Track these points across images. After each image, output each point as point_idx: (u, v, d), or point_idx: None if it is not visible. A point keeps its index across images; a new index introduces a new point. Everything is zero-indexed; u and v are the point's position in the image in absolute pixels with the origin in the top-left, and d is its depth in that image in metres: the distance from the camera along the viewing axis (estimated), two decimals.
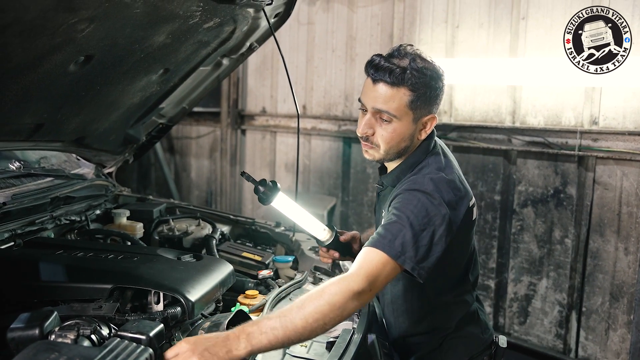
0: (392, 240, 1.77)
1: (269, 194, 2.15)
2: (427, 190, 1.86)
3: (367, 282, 1.70)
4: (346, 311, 1.68)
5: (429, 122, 1.99)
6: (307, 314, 1.61)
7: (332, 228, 2.34)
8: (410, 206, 1.84)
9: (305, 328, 1.60)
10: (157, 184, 7.30)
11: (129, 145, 3.26)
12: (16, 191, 2.52)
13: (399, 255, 1.76)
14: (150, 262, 2.14)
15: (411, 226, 1.79)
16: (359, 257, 1.78)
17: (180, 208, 3.27)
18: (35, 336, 1.61)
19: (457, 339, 2.13)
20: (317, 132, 5.64)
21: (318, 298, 1.64)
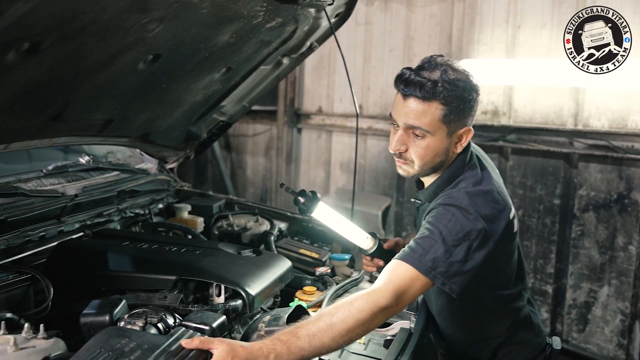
0: (422, 255, 1.74)
1: (309, 205, 2.15)
2: (462, 205, 1.82)
3: (395, 297, 1.69)
4: (371, 326, 1.68)
5: (465, 135, 1.92)
6: (335, 333, 1.61)
7: (375, 236, 2.33)
8: (444, 221, 1.80)
9: (332, 347, 1.62)
10: (213, 181, 7.44)
11: (190, 141, 3.34)
12: (86, 184, 2.63)
13: (430, 270, 1.73)
14: (212, 256, 2.20)
15: (444, 241, 1.76)
16: (387, 269, 1.77)
17: (239, 204, 3.34)
18: (105, 322, 1.69)
19: (511, 346, 2.09)
20: (373, 132, 5.63)
21: (346, 314, 1.63)
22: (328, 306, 1.72)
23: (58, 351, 1.53)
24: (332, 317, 1.62)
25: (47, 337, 1.58)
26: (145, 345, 1.48)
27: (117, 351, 1.44)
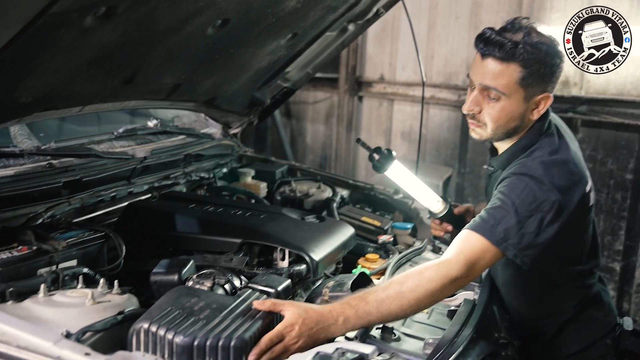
0: (494, 226, 1.71)
1: (384, 162, 2.14)
2: (536, 175, 1.76)
3: (466, 268, 1.67)
4: (440, 297, 1.68)
5: (543, 102, 1.86)
6: (404, 301, 1.61)
7: (446, 200, 2.30)
8: (516, 191, 1.76)
9: (399, 315, 1.63)
10: (273, 147, 7.50)
11: (254, 107, 3.36)
12: (154, 147, 2.70)
13: (501, 241, 1.70)
14: (276, 221, 2.23)
15: (516, 212, 1.72)
16: (458, 239, 1.74)
17: (301, 170, 3.35)
18: (174, 281, 1.74)
19: (578, 322, 2.04)
20: (435, 102, 5.53)
21: (416, 283, 1.63)
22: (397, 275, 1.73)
23: (131, 307, 1.59)
24: (401, 285, 1.62)
25: (121, 293, 1.64)
26: (214, 305, 1.52)
27: (187, 309, 1.48)
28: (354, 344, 1.46)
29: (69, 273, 1.69)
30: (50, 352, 1.25)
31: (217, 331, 1.40)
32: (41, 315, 1.48)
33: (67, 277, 1.68)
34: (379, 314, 1.59)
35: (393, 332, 1.68)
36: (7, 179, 2.01)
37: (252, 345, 1.42)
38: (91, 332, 1.42)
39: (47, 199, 2.11)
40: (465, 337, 1.72)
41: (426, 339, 1.69)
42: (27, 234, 1.78)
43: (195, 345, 1.37)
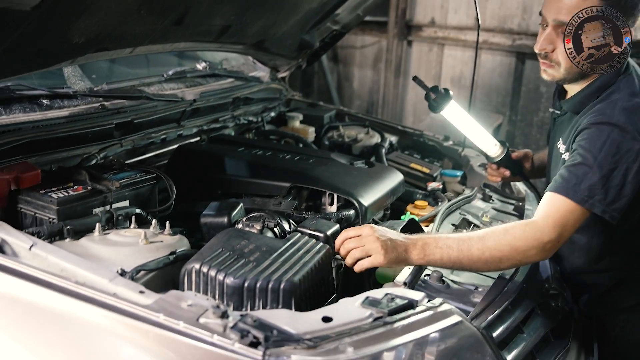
0: (577, 184, 1.64)
1: (440, 102, 2.09)
2: (618, 123, 1.67)
3: (556, 232, 1.61)
4: (527, 259, 1.63)
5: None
6: (485, 247, 1.58)
7: (504, 144, 2.23)
8: (598, 143, 1.67)
9: (480, 259, 1.58)
10: (319, 92, 7.43)
11: (303, 50, 3.31)
12: (203, 90, 2.69)
13: (586, 199, 1.63)
14: (324, 165, 2.21)
15: (600, 166, 1.64)
16: (543, 203, 1.68)
17: (349, 115, 3.31)
18: (224, 223, 1.76)
19: (634, 277, 1.98)
20: (488, 46, 5.35)
21: (501, 236, 1.60)
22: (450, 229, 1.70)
23: (183, 247, 1.62)
24: (485, 234, 1.61)
25: (172, 234, 1.67)
26: (264, 248, 1.52)
27: (237, 251, 1.49)
28: (403, 290, 1.45)
29: (122, 213, 1.72)
30: (106, 288, 1.28)
31: (266, 273, 1.41)
32: (97, 253, 1.53)
33: (120, 217, 1.71)
34: (460, 252, 1.57)
35: (442, 280, 1.66)
36: (61, 120, 2.05)
37: (302, 287, 1.43)
38: (144, 271, 1.45)
39: (100, 140, 2.14)
40: (515, 287, 1.70)
41: (476, 287, 1.67)
42: (82, 174, 1.82)
43: (246, 286, 1.39)
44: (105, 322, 1.25)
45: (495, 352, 1.41)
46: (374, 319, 1.28)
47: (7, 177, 1.68)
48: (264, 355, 1.13)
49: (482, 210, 2.28)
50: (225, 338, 1.15)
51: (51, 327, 1.31)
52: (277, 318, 1.22)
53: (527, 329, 1.69)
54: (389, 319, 1.29)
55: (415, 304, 1.36)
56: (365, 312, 1.30)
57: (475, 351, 1.38)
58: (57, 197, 1.67)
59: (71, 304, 1.26)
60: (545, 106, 4.95)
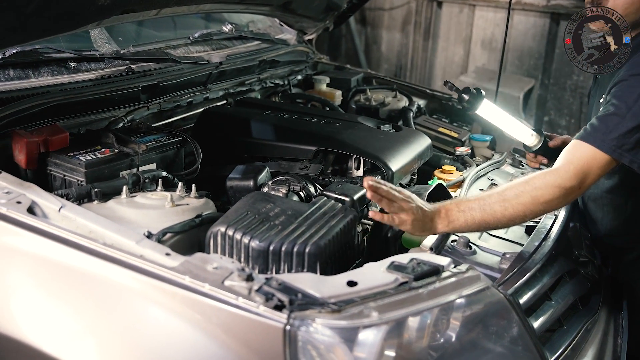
0: (606, 134, 1.61)
1: (474, 102, 2.12)
2: None
3: (577, 179, 1.59)
4: (549, 207, 1.60)
5: None
6: (507, 202, 1.56)
7: (541, 133, 2.22)
8: (633, 94, 1.63)
9: (504, 215, 1.56)
10: (346, 56, 7.34)
11: (330, 12, 3.25)
12: (229, 52, 2.67)
13: (615, 149, 1.60)
14: (351, 129, 2.19)
15: (633, 116, 1.60)
16: (567, 151, 1.65)
17: (377, 79, 3.26)
18: (250, 187, 1.76)
19: None
20: (521, 7, 5.19)
21: (521, 189, 1.57)
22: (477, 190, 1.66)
23: (208, 210, 1.62)
24: (505, 190, 1.59)
25: (198, 197, 1.67)
26: (289, 212, 1.52)
27: (263, 215, 1.49)
28: (429, 255, 1.44)
29: (149, 176, 1.73)
30: (133, 250, 1.29)
31: (292, 237, 1.41)
32: (124, 215, 1.54)
33: (147, 180, 1.72)
34: (482, 211, 1.55)
35: (469, 245, 1.64)
36: (89, 83, 2.05)
37: (327, 251, 1.43)
38: (171, 234, 1.46)
39: (127, 104, 2.15)
40: (544, 253, 1.67)
41: (503, 253, 1.65)
42: (109, 137, 1.83)
43: (271, 250, 1.39)
44: (132, 284, 1.26)
45: (522, 319, 1.40)
46: (399, 284, 1.27)
47: (36, 139, 1.70)
48: (289, 319, 1.13)
49: (511, 175, 2.25)
50: (250, 301, 1.15)
51: (80, 287, 1.33)
52: (301, 281, 1.22)
53: (555, 296, 1.67)
54: (414, 284, 1.28)
55: (441, 269, 1.34)
56: (391, 277, 1.29)
57: (502, 317, 1.37)
58: (85, 159, 1.69)
59: (99, 265, 1.28)
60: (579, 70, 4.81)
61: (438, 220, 1.56)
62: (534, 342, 1.41)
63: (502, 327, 1.38)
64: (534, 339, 1.42)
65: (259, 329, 1.15)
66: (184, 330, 1.21)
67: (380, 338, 1.17)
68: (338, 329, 1.14)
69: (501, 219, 1.58)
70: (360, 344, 1.15)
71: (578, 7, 4.47)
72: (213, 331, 1.19)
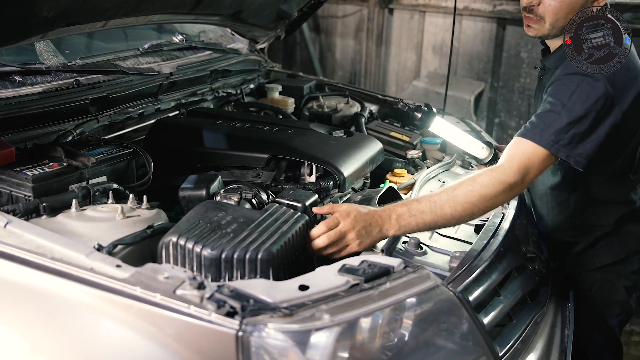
0: (544, 130, 1.68)
1: (426, 119, 2.21)
2: (587, 72, 1.71)
3: (520, 174, 1.65)
4: (496, 203, 1.66)
5: None
6: (456, 202, 1.61)
7: (490, 145, 2.30)
8: (567, 91, 1.71)
9: (454, 216, 1.62)
10: (301, 63, 7.38)
11: (281, 20, 3.27)
12: (180, 63, 2.66)
13: (552, 144, 1.67)
14: (303, 136, 2.21)
15: (568, 112, 1.68)
16: (509, 148, 1.72)
17: (329, 85, 3.30)
18: (202, 196, 1.76)
19: (613, 236, 2.03)
20: (469, 12, 5.32)
21: (469, 188, 1.63)
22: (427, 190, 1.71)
23: (160, 221, 1.62)
24: (454, 190, 1.63)
25: (150, 208, 1.67)
26: (241, 219, 1.53)
27: (215, 223, 1.50)
28: (380, 257, 1.47)
29: (99, 189, 1.71)
30: (83, 263, 1.28)
31: (244, 244, 1.42)
32: (74, 229, 1.52)
33: (97, 193, 1.70)
34: (432, 212, 1.59)
35: (420, 246, 1.68)
36: (35, 96, 2.02)
37: (280, 257, 1.44)
38: (122, 246, 1.45)
39: (76, 116, 2.12)
40: (492, 250, 1.72)
41: (452, 252, 1.69)
42: (57, 151, 1.80)
43: (223, 258, 1.39)
44: (83, 297, 1.25)
45: (472, 315, 1.43)
46: (350, 286, 1.29)
47: None
48: (241, 325, 1.14)
49: (461, 176, 2.29)
50: (202, 309, 1.16)
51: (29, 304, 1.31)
52: (253, 287, 1.23)
53: (504, 291, 1.72)
54: (365, 285, 1.30)
55: (392, 270, 1.37)
56: (342, 280, 1.31)
57: (452, 314, 1.41)
58: (32, 174, 1.66)
59: (48, 280, 1.27)
60: (526, 72, 4.96)
61: (389, 226, 1.59)
62: (484, 337, 1.45)
63: (453, 324, 1.41)
64: (484, 334, 1.46)
65: (211, 336, 1.16)
66: (137, 342, 1.21)
67: (333, 340, 1.18)
68: (290, 333, 1.16)
69: (451, 220, 1.63)
70: (313, 347, 1.17)
71: None
72: (166, 341, 1.19)
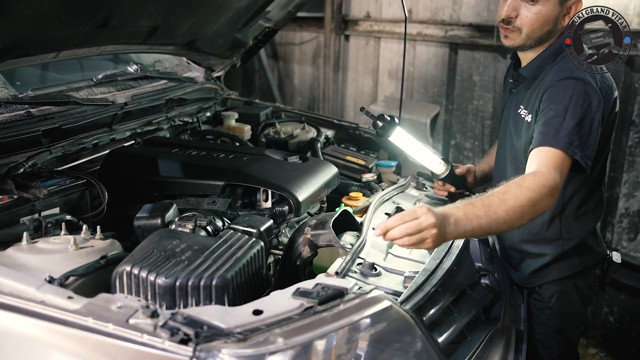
0: (556, 134, 1.77)
1: (387, 128, 2.20)
2: (580, 76, 1.82)
3: (558, 176, 1.72)
4: (541, 207, 1.71)
5: (574, 7, 1.91)
6: (509, 207, 1.64)
7: (448, 161, 2.34)
8: (566, 95, 1.81)
9: (506, 220, 1.65)
10: (261, 90, 7.43)
11: (236, 49, 3.31)
12: (135, 92, 2.66)
13: (568, 146, 1.75)
14: (259, 162, 2.23)
15: (572, 115, 1.78)
16: (534, 158, 1.78)
17: (286, 112, 3.34)
18: (157, 225, 1.76)
19: (574, 249, 2.08)
20: (422, 38, 5.45)
21: (518, 192, 1.67)
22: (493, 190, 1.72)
23: (114, 251, 1.61)
24: (504, 194, 1.67)
25: (103, 238, 1.66)
26: (196, 246, 1.54)
27: (169, 251, 1.50)
28: (334, 279, 1.49)
29: (51, 220, 1.70)
30: (33, 296, 1.27)
31: (198, 271, 1.43)
32: (25, 262, 1.50)
33: (50, 225, 1.69)
34: (487, 216, 1.62)
35: (374, 267, 1.71)
36: None
37: (235, 283, 1.45)
38: (74, 277, 1.44)
39: (28, 148, 2.09)
40: (445, 269, 1.75)
41: (406, 272, 1.72)
42: (8, 184, 1.79)
43: (178, 285, 1.40)
44: (34, 331, 1.24)
45: (425, 334, 1.46)
46: (304, 309, 1.31)
47: None
48: (195, 352, 1.14)
49: (415, 198, 2.34)
50: (155, 337, 1.16)
51: None
52: (207, 314, 1.24)
53: (458, 309, 1.75)
54: (319, 308, 1.32)
55: (346, 292, 1.40)
56: (296, 303, 1.33)
57: (406, 334, 1.43)
58: None
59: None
60: (478, 94, 5.08)
61: (448, 229, 1.59)
62: (438, 355, 1.47)
63: (407, 343, 1.43)
64: (438, 352, 1.48)
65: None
66: None
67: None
68: (244, 357, 1.16)
69: (503, 224, 1.66)
70: None
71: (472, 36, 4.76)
72: None
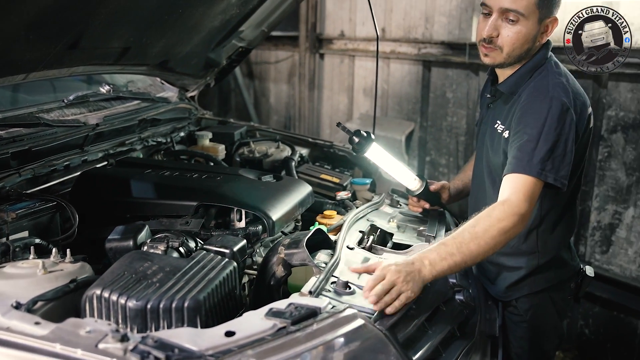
0: (530, 160, 1.81)
1: (364, 144, 2.21)
2: (555, 96, 1.86)
3: (528, 203, 1.78)
4: (513, 234, 1.77)
5: (551, 25, 1.96)
6: (479, 239, 1.70)
7: (423, 178, 2.36)
8: (540, 119, 1.85)
9: (480, 253, 1.71)
10: (237, 109, 7.42)
11: (210, 69, 3.31)
12: (107, 113, 2.64)
13: (540, 172, 1.81)
14: (232, 182, 2.22)
15: (545, 140, 1.82)
16: (507, 184, 1.83)
17: (261, 131, 3.34)
18: (129, 247, 1.74)
19: (549, 262, 2.11)
20: (396, 56, 5.51)
21: (487, 223, 1.73)
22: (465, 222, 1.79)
23: (85, 274, 1.58)
24: (474, 227, 1.73)
25: (74, 262, 1.63)
26: (167, 268, 1.52)
27: (140, 273, 1.48)
28: (307, 299, 1.48)
29: (20, 244, 1.67)
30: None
31: (170, 293, 1.41)
32: None
33: (18, 249, 1.66)
34: (462, 254, 1.68)
35: (348, 286, 1.70)
36: None
37: (207, 304, 1.43)
38: (42, 302, 1.41)
39: None
40: None
41: None
42: None
43: (149, 308, 1.38)
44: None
45: (400, 352, 1.46)
46: (277, 329, 1.30)
47: None
48: None
49: (390, 215, 2.35)
50: None
51: None
52: (178, 337, 1.22)
53: (433, 326, 1.75)
54: (292, 328, 1.31)
55: (319, 311, 1.39)
56: (269, 324, 1.32)
57: (380, 352, 1.43)
58: None
59: None
60: (452, 111, 5.14)
61: (425, 272, 1.66)
62: None
63: None
64: None
65: None
66: None
67: None
68: None
69: (477, 256, 1.72)
70: None
71: (445, 54, 4.83)
72: None
